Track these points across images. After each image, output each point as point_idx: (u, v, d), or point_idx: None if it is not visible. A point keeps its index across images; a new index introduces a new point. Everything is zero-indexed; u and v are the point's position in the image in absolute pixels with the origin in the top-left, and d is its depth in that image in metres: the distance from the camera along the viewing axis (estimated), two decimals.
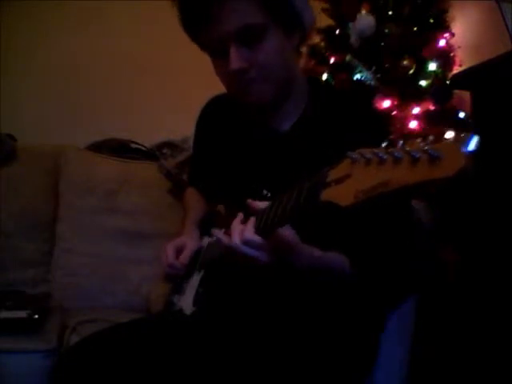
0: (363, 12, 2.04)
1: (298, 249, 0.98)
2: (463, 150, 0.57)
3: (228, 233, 1.00)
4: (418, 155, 0.60)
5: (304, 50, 1.57)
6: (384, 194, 0.64)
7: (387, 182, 0.63)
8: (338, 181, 0.73)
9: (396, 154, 0.63)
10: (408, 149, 0.62)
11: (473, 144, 0.57)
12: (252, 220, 0.96)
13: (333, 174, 0.75)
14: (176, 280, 1.28)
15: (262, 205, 0.97)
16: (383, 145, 0.67)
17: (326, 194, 0.75)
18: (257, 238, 0.94)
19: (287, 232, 0.95)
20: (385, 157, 0.65)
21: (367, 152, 0.68)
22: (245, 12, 1.04)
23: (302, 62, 2.04)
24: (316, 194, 0.78)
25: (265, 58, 1.07)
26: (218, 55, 1.09)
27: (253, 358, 1.05)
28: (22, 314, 1.51)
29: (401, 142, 0.65)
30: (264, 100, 1.11)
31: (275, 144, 1.18)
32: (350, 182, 0.70)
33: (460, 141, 0.57)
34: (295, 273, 1.02)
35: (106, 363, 1.06)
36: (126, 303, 1.89)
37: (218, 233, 1.08)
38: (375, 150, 0.67)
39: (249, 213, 0.98)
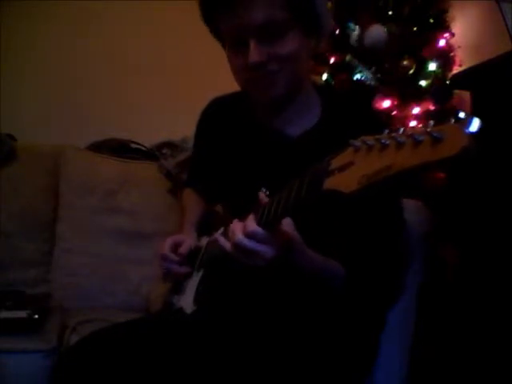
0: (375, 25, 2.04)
1: (300, 247, 0.98)
2: (465, 130, 0.57)
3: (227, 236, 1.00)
4: (420, 138, 0.60)
5: None
6: (388, 177, 0.64)
7: (391, 166, 0.63)
8: (341, 169, 0.72)
9: (399, 138, 0.63)
10: (410, 132, 0.62)
11: (474, 125, 0.57)
12: (251, 215, 0.95)
13: (335, 163, 0.74)
14: (174, 278, 1.27)
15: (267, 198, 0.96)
16: (385, 131, 0.67)
17: (329, 183, 0.75)
18: (260, 230, 0.92)
19: (290, 228, 0.95)
20: (387, 142, 0.65)
21: (370, 139, 0.68)
22: (270, 7, 1.05)
23: None
24: (319, 183, 0.77)
25: (285, 53, 1.07)
26: (236, 46, 1.10)
27: (253, 358, 1.05)
28: (22, 313, 1.51)
29: (402, 128, 0.65)
30: (277, 94, 1.11)
31: (283, 148, 1.17)
32: (354, 168, 0.70)
33: (461, 122, 0.58)
34: (296, 273, 1.02)
35: (105, 363, 1.05)
36: (126, 303, 1.89)
37: (220, 238, 1.06)
38: (377, 137, 0.67)
39: (246, 207, 0.98)
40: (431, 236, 1.54)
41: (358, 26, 2.08)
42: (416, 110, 2.04)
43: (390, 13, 2.07)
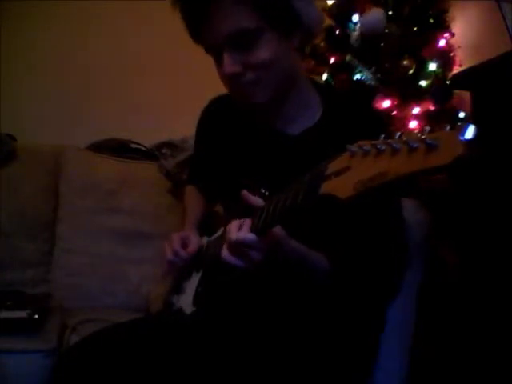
0: (373, 8, 2.03)
1: (285, 242, 0.98)
2: (460, 137, 0.57)
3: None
4: (415, 145, 0.60)
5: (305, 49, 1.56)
6: (383, 184, 0.64)
7: (386, 172, 0.63)
8: (338, 173, 0.73)
9: (394, 144, 0.63)
10: (405, 139, 0.62)
11: (469, 132, 0.57)
12: (248, 220, 0.96)
13: (332, 167, 0.75)
14: (177, 274, 1.27)
15: (258, 200, 0.97)
16: (381, 137, 0.67)
17: (326, 187, 0.75)
18: (253, 236, 0.93)
19: (278, 228, 0.95)
20: (383, 148, 0.65)
21: (366, 144, 0.68)
22: (238, 16, 1.04)
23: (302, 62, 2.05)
24: (315, 187, 0.77)
25: (259, 61, 1.06)
26: (216, 58, 1.10)
27: (253, 358, 1.05)
28: (22, 314, 1.51)
29: (398, 133, 0.65)
30: (261, 101, 1.11)
31: (283, 146, 1.17)
32: (350, 174, 0.70)
33: (457, 129, 0.58)
34: (279, 266, 1.01)
35: (105, 363, 1.05)
36: (126, 303, 1.89)
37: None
38: (374, 142, 0.67)
39: (245, 208, 0.98)
40: (431, 236, 1.54)
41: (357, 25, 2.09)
42: (416, 110, 2.03)
43: (390, 13, 2.07)
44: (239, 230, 0.95)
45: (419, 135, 0.60)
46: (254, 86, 1.08)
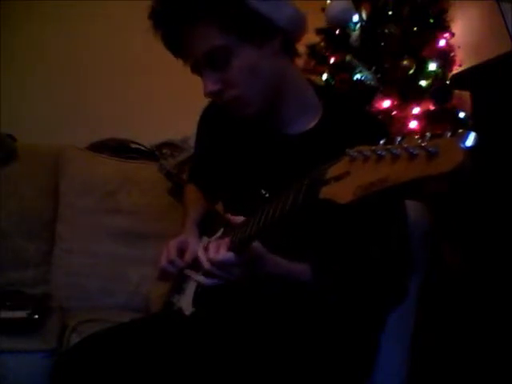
0: None
1: (266, 256, 0.99)
2: (461, 145, 0.56)
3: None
4: (415, 152, 0.60)
5: (303, 49, 1.55)
6: (382, 190, 0.63)
7: (385, 179, 0.63)
8: (337, 178, 0.72)
9: (394, 150, 0.63)
10: (406, 145, 0.61)
11: (470, 140, 0.57)
12: (226, 240, 0.98)
13: (331, 172, 0.74)
14: (171, 279, 1.27)
15: (239, 219, 0.99)
16: (381, 142, 0.67)
17: (325, 192, 0.75)
18: (231, 256, 0.96)
19: (256, 243, 0.96)
20: (383, 153, 0.64)
21: (366, 149, 0.67)
22: (207, 36, 1.04)
23: (302, 61, 2.04)
24: (315, 192, 0.77)
25: (237, 77, 1.07)
26: (201, 77, 1.11)
27: (252, 359, 1.05)
28: (22, 314, 1.51)
29: (398, 138, 0.64)
30: (250, 114, 1.12)
31: (283, 147, 1.17)
32: (349, 179, 0.69)
33: (457, 137, 0.57)
34: (260, 280, 1.02)
35: (105, 363, 1.05)
36: (126, 303, 1.89)
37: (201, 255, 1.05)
38: (373, 148, 0.66)
39: (245, 207, 0.99)
40: (431, 236, 1.54)
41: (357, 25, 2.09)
42: (416, 110, 2.04)
43: (390, 13, 2.07)
44: (217, 251, 0.97)
45: (419, 141, 0.60)
46: (238, 101, 1.09)
